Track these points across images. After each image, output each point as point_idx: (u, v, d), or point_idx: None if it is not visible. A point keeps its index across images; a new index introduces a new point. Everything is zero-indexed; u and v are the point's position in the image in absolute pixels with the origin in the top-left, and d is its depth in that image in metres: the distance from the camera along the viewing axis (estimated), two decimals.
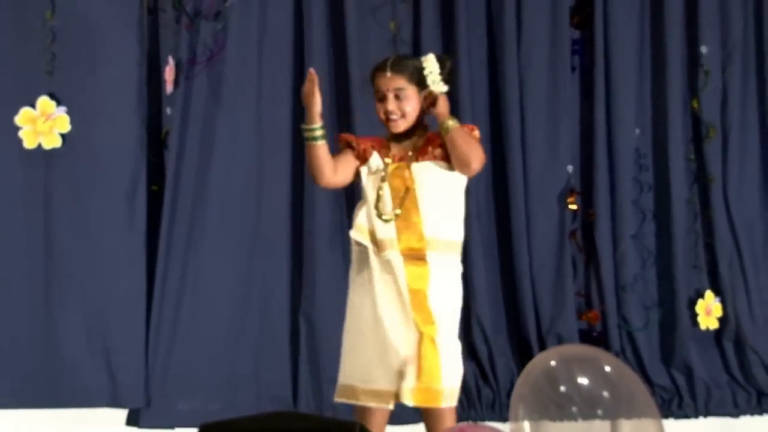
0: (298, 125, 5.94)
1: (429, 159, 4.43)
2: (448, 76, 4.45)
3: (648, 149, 6.22)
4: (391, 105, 4.42)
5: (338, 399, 4.53)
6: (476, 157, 4.32)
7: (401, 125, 4.45)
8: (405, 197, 4.41)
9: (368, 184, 4.51)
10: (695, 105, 6.18)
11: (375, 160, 4.50)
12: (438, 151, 4.43)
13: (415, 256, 4.40)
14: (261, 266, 6.02)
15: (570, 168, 6.15)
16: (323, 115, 4.40)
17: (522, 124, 6.08)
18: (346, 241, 6.01)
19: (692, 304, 6.13)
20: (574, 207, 6.14)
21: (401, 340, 4.36)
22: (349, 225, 6.02)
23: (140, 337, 5.90)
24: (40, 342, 5.85)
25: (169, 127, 5.94)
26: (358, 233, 4.54)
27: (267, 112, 6.05)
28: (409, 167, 4.44)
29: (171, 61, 5.94)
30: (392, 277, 4.40)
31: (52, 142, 5.86)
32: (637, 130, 6.20)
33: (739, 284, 6.11)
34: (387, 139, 4.54)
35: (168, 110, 5.95)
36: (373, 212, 4.47)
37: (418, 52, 6.04)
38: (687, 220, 6.18)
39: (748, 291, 6.10)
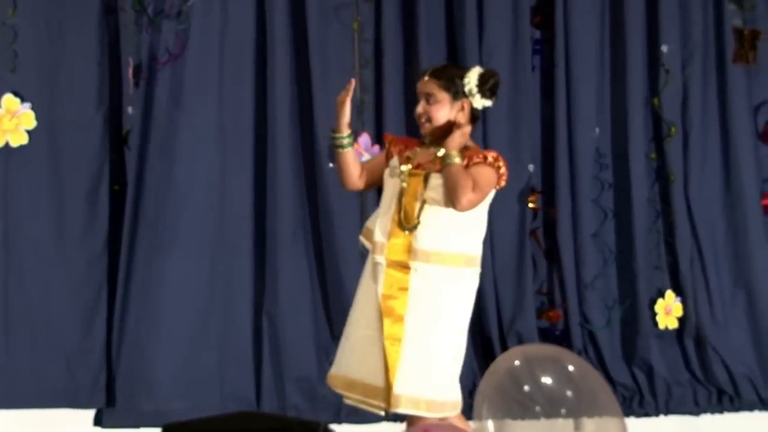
0: (260, 124, 6.00)
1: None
2: (489, 92, 4.49)
3: (608, 148, 6.23)
4: (420, 108, 4.52)
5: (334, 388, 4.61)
6: (463, 198, 4.32)
7: (427, 129, 4.53)
8: (422, 208, 4.45)
9: (387, 187, 4.58)
10: (656, 103, 6.19)
11: (394, 162, 4.59)
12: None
13: (401, 264, 4.46)
14: (224, 266, 6.00)
15: (531, 167, 6.16)
16: (350, 124, 4.54)
17: (483, 124, 6.08)
18: (308, 240, 6.05)
19: (653, 303, 6.14)
20: (534, 206, 6.16)
21: (372, 340, 4.45)
22: (312, 225, 6.09)
23: (102, 337, 5.89)
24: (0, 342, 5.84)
25: (131, 127, 5.93)
26: (363, 236, 4.64)
27: (229, 111, 6.03)
28: (426, 176, 4.48)
29: (132, 61, 5.94)
30: (375, 279, 4.50)
31: (19, 139, 5.86)
32: (597, 130, 6.21)
33: (700, 283, 6.12)
34: (421, 142, 4.61)
35: (129, 109, 5.95)
36: (379, 217, 4.54)
37: (379, 51, 6.06)
38: (648, 219, 6.19)
39: (709, 290, 6.11)
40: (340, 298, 6.03)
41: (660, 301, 6.12)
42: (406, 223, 4.47)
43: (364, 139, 6.05)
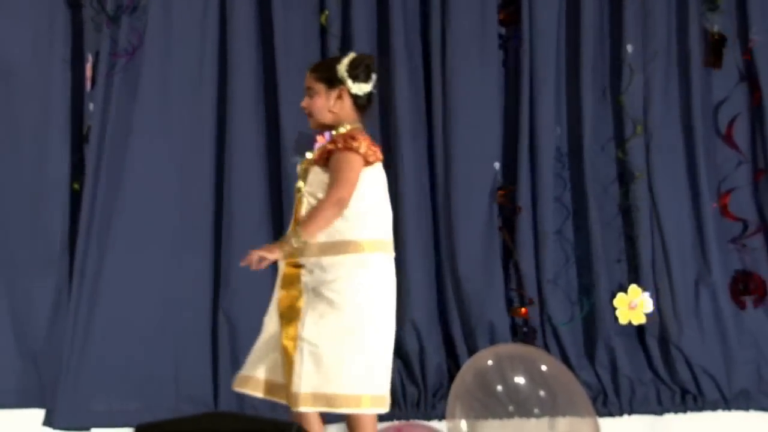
0: (221, 122, 5.93)
1: (317, 163, 4.55)
2: (363, 76, 4.55)
3: (568, 147, 6.21)
4: (303, 103, 4.62)
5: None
6: (331, 206, 4.37)
7: (312, 123, 4.64)
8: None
9: None
10: (621, 102, 6.18)
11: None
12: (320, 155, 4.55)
13: (294, 264, 4.53)
14: (182, 264, 5.93)
15: (497, 165, 6.11)
16: None
17: (444, 120, 6.06)
18: (268, 238, 6.00)
19: (614, 298, 6.12)
20: (503, 202, 6.13)
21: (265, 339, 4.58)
22: (272, 222, 6.04)
23: (58, 337, 5.82)
24: None
25: (91, 124, 5.85)
26: None
27: (189, 106, 5.98)
28: (305, 171, 4.59)
29: (91, 57, 5.89)
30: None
31: None
32: (558, 129, 6.18)
33: (664, 281, 6.10)
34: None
35: (91, 106, 5.90)
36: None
37: (347, 45, 6.02)
38: (607, 215, 6.17)
39: (673, 288, 6.08)
40: None
41: (621, 296, 6.09)
42: (296, 221, 4.49)
43: (329, 136, 5.98)
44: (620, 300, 6.08)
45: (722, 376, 6.04)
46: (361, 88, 4.55)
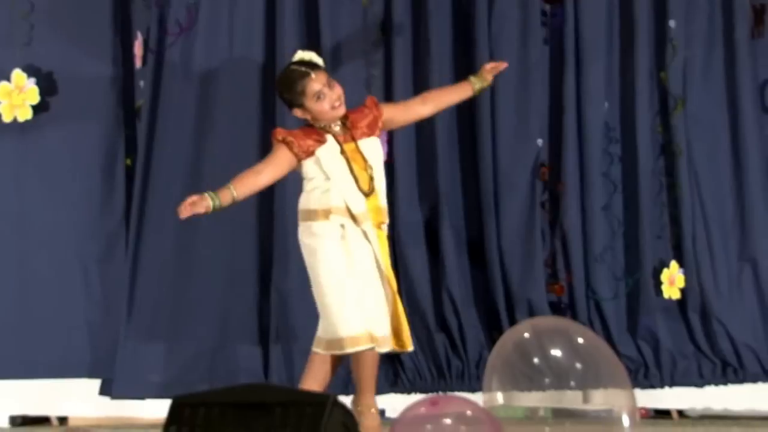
0: (271, 99, 6.00)
1: (366, 135, 4.97)
2: None
3: (616, 122, 6.24)
4: (335, 94, 4.93)
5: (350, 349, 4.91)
6: None
7: (343, 110, 4.99)
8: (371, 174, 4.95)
9: (333, 167, 4.92)
10: (663, 78, 6.20)
11: (328, 146, 4.95)
12: (366, 127, 5.00)
13: (379, 226, 4.99)
14: (232, 239, 6.04)
15: (540, 141, 6.17)
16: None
17: (492, 98, 6.10)
18: None
19: (657, 273, 6.16)
20: (545, 179, 6.19)
21: (380, 296, 4.94)
22: None
23: (121, 311, 5.98)
24: (16, 315, 5.97)
25: (143, 101, 5.97)
26: (339, 214, 4.92)
27: (238, 86, 6.08)
28: (357, 146, 4.96)
29: (140, 35, 5.99)
30: (369, 245, 4.93)
31: (25, 114, 5.93)
32: (606, 104, 6.22)
33: (705, 256, 6.12)
34: (318, 128, 4.98)
35: (141, 83, 6.02)
36: (351, 190, 4.91)
37: (389, 25, 6.10)
38: (653, 192, 6.21)
39: (714, 263, 6.10)
40: None
41: (665, 271, 6.14)
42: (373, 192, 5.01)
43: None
44: (663, 275, 6.14)
45: (763, 349, 6.05)
46: None
